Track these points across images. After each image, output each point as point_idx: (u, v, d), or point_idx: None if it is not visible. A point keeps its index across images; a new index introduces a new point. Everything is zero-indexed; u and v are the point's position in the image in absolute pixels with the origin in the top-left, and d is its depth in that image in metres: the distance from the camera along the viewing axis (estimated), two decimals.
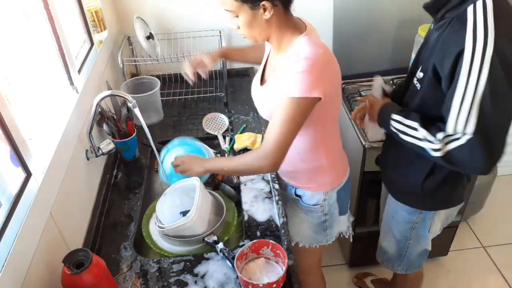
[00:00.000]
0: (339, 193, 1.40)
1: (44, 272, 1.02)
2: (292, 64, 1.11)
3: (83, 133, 1.36)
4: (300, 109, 1.11)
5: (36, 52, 1.22)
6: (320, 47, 1.13)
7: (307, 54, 1.10)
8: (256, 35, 1.17)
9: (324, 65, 1.12)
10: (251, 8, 1.09)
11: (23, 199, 0.96)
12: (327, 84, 1.12)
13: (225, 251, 1.21)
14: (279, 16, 1.13)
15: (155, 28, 1.94)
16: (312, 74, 1.09)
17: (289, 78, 1.11)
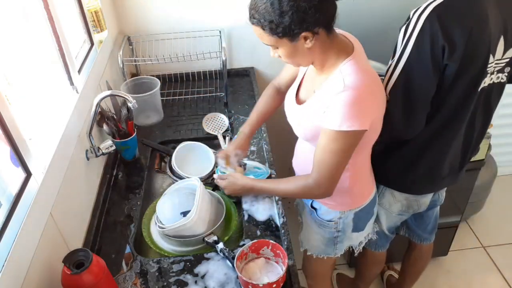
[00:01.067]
0: (357, 213, 1.37)
1: (44, 272, 1.02)
2: (337, 92, 1.07)
3: (83, 133, 1.36)
4: (350, 142, 1.10)
5: (36, 52, 1.22)
6: (367, 73, 1.10)
7: (353, 83, 1.06)
8: (300, 62, 1.15)
9: (371, 94, 1.09)
10: (291, 41, 1.05)
11: (23, 199, 0.96)
12: (374, 113, 1.11)
13: (225, 251, 1.21)
14: (322, 41, 1.08)
15: (155, 28, 1.94)
16: (359, 106, 1.05)
17: (335, 108, 1.06)
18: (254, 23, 1.06)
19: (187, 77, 2.06)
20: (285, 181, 1.27)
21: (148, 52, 1.91)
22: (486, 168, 2.14)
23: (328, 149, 1.10)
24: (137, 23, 1.94)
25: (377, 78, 1.13)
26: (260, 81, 2.10)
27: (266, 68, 2.12)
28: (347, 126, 1.05)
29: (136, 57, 1.91)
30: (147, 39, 1.93)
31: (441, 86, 1.20)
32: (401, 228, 1.75)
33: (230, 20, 1.96)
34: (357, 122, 1.05)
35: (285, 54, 1.10)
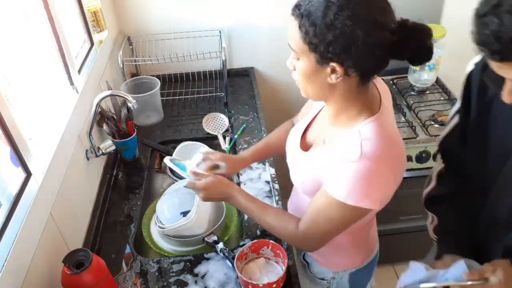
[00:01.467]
0: (353, 274, 1.20)
1: (44, 272, 1.02)
2: (352, 159, 0.88)
3: (83, 133, 1.36)
4: (352, 217, 0.95)
5: (36, 52, 1.22)
6: (390, 141, 0.91)
7: (372, 153, 0.87)
8: (310, 91, 0.92)
9: (390, 170, 0.90)
10: (317, 62, 0.85)
11: (23, 199, 0.96)
12: (388, 192, 0.93)
13: (225, 251, 1.21)
14: (349, 87, 0.88)
15: (155, 28, 1.94)
16: (373, 183, 0.88)
17: (345, 176, 0.89)
18: (294, 14, 0.84)
19: (187, 77, 2.06)
20: (274, 213, 1.09)
21: (148, 52, 1.91)
22: None
23: (324, 215, 0.95)
24: (137, 23, 1.94)
25: (399, 145, 0.94)
26: (260, 81, 2.10)
27: (266, 68, 2.12)
28: (354, 201, 0.89)
29: (136, 57, 1.91)
30: (147, 39, 1.93)
31: None
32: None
33: (230, 20, 1.96)
34: (367, 201, 0.89)
35: (302, 71, 0.89)
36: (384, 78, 2.11)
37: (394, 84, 2.08)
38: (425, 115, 1.86)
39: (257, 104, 1.88)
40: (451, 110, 1.10)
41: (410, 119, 1.84)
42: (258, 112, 1.83)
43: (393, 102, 1.93)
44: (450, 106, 1.92)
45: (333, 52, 0.81)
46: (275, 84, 2.15)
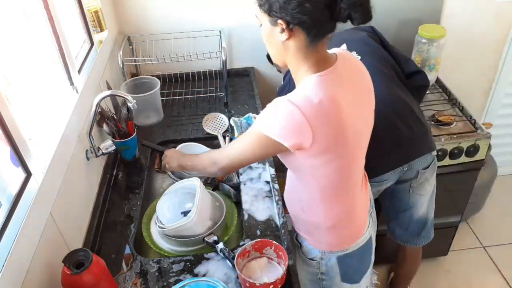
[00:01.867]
0: (341, 259, 1.23)
1: (44, 272, 1.02)
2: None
3: (83, 133, 1.36)
4: (262, 145, 1.03)
5: (36, 52, 1.22)
6: (325, 93, 0.97)
7: (296, 98, 0.96)
8: (273, 53, 1.06)
9: (315, 117, 0.95)
10: (270, 22, 0.99)
11: (23, 199, 0.96)
12: (303, 139, 0.97)
13: (225, 251, 1.21)
14: (298, 44, 0.99)
15: (155, 28, 1.94)
16: (290, 121, 0.96)
17: (269, 106, 1.00)
18: None
19: (187, 77, 2.06)
20: (201, 155, 1.30)
21: (148, 52, 1.91)
22: (486, 168, 2.14)
23: (244, 141, 1.09)
24: (137, 23, 1.94)
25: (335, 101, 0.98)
26: (260, 81, 2.10)
27: (266, 68, 2.12)
28: (265, 131, 0.99)
29: (136, 57, 1.91)
30: (147, 39, 1.93)
31: None
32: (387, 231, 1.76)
33: (230, 20, 1.96)
34: (276, 133, 0.98)
35: (263, 33, 1.04)
36: None
37: None
38: (425, 115, 1.86)
39: (257, 104, 1.88)
40: None
41: None
42: (258, 112, 1.83)
43: None
44: (450, 106, 1.92)
45: (275, 9, 0.94)
46: (275, 84, 2.15)
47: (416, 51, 1.87)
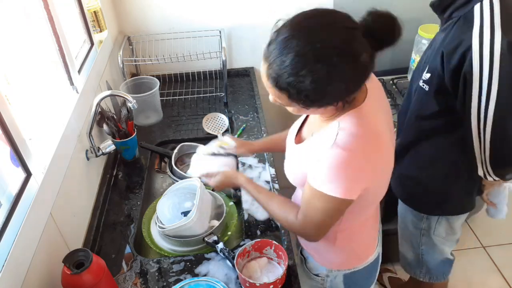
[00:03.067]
0: (347, 276, 1.19)
1: (44, 272, 1.02)
2: (327, 147, 0.89)
3: (83, 133, 1.36)
4: (331, 206, 0.94)
5: (36, 52, 1.22)
6: (368, 130, 0.91)
7: (345, 142, 0.88)
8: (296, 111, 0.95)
9: (364, 159, 0.90)
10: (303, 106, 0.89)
11: (23, 199, 0.96)
12: (366, 182, 0.93)
13: (225, 251, 1.21)
14: None
15: (155, 28, 1.94)
16: (345, 171, 0.89)
17: (320, 164, 0.91)
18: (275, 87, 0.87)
19: (187, 77, 2.06)
20: (277, 201, 1.11)
21: (148, 52, 1.91)
22: None
23: (312, 204, 0.97)
24: (137, 23, 1.94)
25: (378, 136, 0.94)
26: (260, 81, 2.10)
27: None
28: (327, 190, 0.90)
29: (136, 57, 1.91)
30: (147, 39, 1.93)
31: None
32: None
33: (230, 20, 1.96)
34: (339, 189, 0.90)
35: (292, 110, 0.94)
36: (384, 78, 2.11)
37: (394, 84, 2.08)
38: None
39: (257, 104, 1.88)
40: None
41: None
42: (258, 112, 1.83)
43: (393, 102, 1.95)
44: None
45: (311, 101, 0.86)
46: None
47: (416, 51, 1.87)
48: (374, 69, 0.89)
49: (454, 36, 1.12)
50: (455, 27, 1.13)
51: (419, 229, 1.50)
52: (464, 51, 1.08)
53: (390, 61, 2.11)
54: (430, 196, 1.41)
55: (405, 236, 1.61)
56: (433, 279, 1.65)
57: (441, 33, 1.19)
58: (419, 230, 1.50)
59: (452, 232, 1.49)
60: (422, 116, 1.30)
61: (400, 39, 0.87)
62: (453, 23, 1.14)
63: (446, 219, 1.44)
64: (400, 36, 0.87)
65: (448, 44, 1.13)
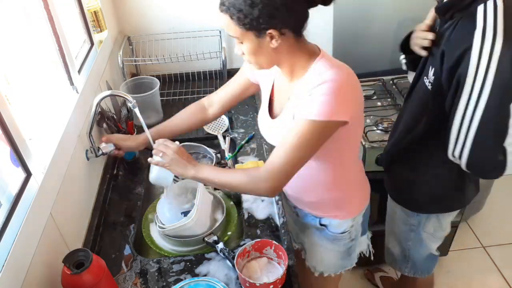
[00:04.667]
0: (364, 215, 1.35)
1: (44, 272, 1.02)
2: (315, 85, 1.01)
3: (83, 133, 1.36)
4: (319, 133, 1.02)
5: (36, 52, 1.22)
6: (342, 68, 1.05)
7: (331, 76, 1.01)
8: (263, 62, 1.08)
9: (351, 86, 1.05)
10: (256, 36, 1.00)
11: (23, 199, 0.96)
12: (354, 107, 1.06)
13: (225, 251, 1.21)
14: (289, 43, 1.03)
15: (155, 28, 1.94)
16: (338, 96, 1.00)
17: (313, 99, 1.01)
18: (223, 10, 1.00)
19: (187, 77, 2.06)
20: (233, 170, 1.19)
21: (148, 52, 1.91)
22: None
23: (290, 141, 1.02)
24: (137, 23, 1.94)
25: (351, 72, 1.07)
26: None
27: None
28: (326, 115, 0.99)
29: (136, 57, 1.91)
30: (147, 39, 1.93)
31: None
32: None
33: None
34: (338, 112, 1.00)
35: (249, 50, 1.04)
36: (384, 78, 2.11)
37: (394, 84, 2.08)
38: None
39: (257, 104, 1.88)
40: None
41: None
42: (258, 112, 1.83)
43: (393, 102, 1.95)
44: None
45: (264, 22, 0.97)
46: None
47: None
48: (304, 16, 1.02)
49: (455, 36, 1.12)
50: (458, 27, 1.12)
51: (408, 225, 1.51)
52: (463, 51, 1.08)
53: (390, 61, 2.11)
54: (420, 195, 1.42)
55: (392, 232, 1.62)
56: (418, 274, 1.66)
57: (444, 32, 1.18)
58: (408, 226, 1.51)
59: (441, 228, 1.50)
60: (420, 115, 1.31)
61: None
62: (454, 23, 1.14)
63: (436, 216, 1.46)
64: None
65: (449, 43, 1.13)
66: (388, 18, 2.01)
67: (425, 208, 1.45)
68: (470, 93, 1.09)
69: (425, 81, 1.26)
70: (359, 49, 2.06)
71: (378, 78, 2.10)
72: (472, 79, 1.07)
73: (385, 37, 2.07)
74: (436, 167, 1.34)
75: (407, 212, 1.48)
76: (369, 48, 2.07)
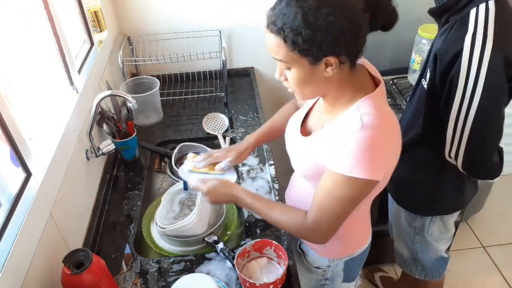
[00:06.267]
0: (348, 263, 1.22)
1: (44, 272, 1.02)
2: (353, 131, 0.89)
3: (83, 133, 1.36)
4: (359, 191, 0.93)
5: (36, 52, 1.22)
6: (387, 114, 0.93)
7: (372, 123, 0.89)
8: (308, 92, 0.96)
9: (390, 139, 0.93)
10: (311, 63, 0.87)
11: (23, 199, 0.96)
12: (390, 163, 0.95)
13: (225, 251, 1.21)
14: (343, 74, 0.92)
15: (155, 28, 1.94)
16: (376, 152, 0.89)
17: (348, 149, 0.89)
18: (273, 31, 0.86)
19: (187, 77, 2.06)
20: (280, 208, 1.09)
21: (148, 52, 1.91)
22: None
23: (332, 195, 0.94)
24: (137, 23, 1.94)
25: (396, 120, 0.96)
26: (260, 81, 2.10)
27: (266, 68, 2.12)
28: (360, 173, 0.89)
29: (136, 57, 1.91)
30: (147, 39, 1.93)
31: None
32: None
33: (230, 20, 1.96)
34: (372, 171, 0.89)
35: (297, 77, 0.91)
36: (384, 78, 2.10)
37: (394, 84, 2.08)
38: None
39: (257, 104, 1.88)
40: None
41: None
42: (258, 112, 1.84)
43: (393, 102, 1.95)
44: None
45: (326, 48, 0.84)
46: (275, 84, 2.15)
47: (416, 51, 1.87)
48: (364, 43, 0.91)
49: (449, 39, 1.14)
50: (452, 30, 1.14)
51: (413, 227, 1.51)
52: (455, 54, 1.10)
53: (390, 61, 2.11)
54: (422, 197, 1.42)
55: (399, 234, 1.62)
56: (429, 277, 1.66)
57: (439, 37, 1.21)
58: (413, 228, 1.52)
59: (446, 230, 1.50)
60: (418, 116, 1.31)
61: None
62: (450, 26, 1.15)
63: (440, 218, 1.46)
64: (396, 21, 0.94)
65: (442, 46, 1.15)
66: None
67: (426, 210, 1.45)
68: (463, 96, 1.10)
69: (423, 83, 1.27)
70: None
71: None
72: (464, 82, 1.09)
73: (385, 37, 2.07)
74: (435, 168, 1.34)
75: (411, 214, 1.48)
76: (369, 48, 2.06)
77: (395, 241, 1.70)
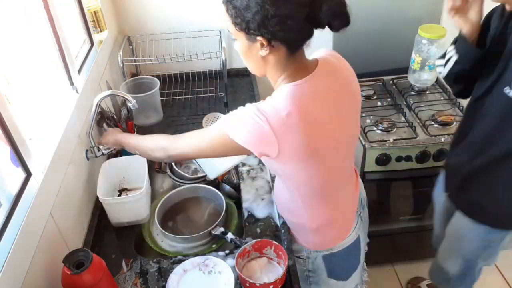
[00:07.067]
0: (326, 257, 1.23)
1: (44, 272, 1.02)
2: None
3: (83, 133, 1.36)
4: (227, 146, 1.02)
5: (36, 52, 1.22)
6: (295, 105, 0.95)
7: (269, 108, 0.95)
8: (252, 67, 1.06)
9: (282, 130, 0.95)
10: (247, 39, 0.97)
11: (23, 199, 0.96)
12: (274, 149, 0.97)
13: (236, 240, 1.22)
14: (279, 57, 0.98)
15: (155, 28, 1.94)
16: (257, 131, 0.95)
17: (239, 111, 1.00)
18: (222, 2, 0.97)
19: (187, 77, 2.06)
20: (145, 137, 1.28)
21: (148, 52, 1.91)
22: None
23: (202, 133, 1.11)
24: (137, 23, 1.94)
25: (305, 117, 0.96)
26: (260, 81, 2.10)
27: None
28: (227, 128, 1.00)
29: (136, 57, 1.91)
30: (147, 39, 1.93)
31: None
32: None
33: None
34: (238, 134, 0.98)
35: (239, 49, 1.02)
36: (384, 78, 2.11)
37: (394, 84, 2.08)
38: (425, 115, 1.86)
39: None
40: None
41: (410, 119, 1.84)
42: None
43: (393, 102, 1.95)
44: (450, 106, 1.92)
45: (253, 28, 0.92)
46: None
47: (416, 51, 1.87)
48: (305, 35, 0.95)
49: None
50: None
51: (486, 241, 1.42)
52: None
53: (390, 61, 2.11)
54: (508, 212, 1.34)
55: (456, 251, 1.52)
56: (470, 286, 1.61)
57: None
58: (485, 242, 1.43)
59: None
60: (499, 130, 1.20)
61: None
62: None
63: None
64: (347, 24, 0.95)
65: None
66: (389, 18, 2.02)
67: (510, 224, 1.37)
68: None
69: (506, 92, 1.13)
70: (359, 49, 2.06)
71: (378, 78, 2.11)
72: None
73: (385, 37, 2.07)
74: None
75: (489, 229, 1.38)
76: (369, 48, 2.07)
77: (443, 258, 1.59)
